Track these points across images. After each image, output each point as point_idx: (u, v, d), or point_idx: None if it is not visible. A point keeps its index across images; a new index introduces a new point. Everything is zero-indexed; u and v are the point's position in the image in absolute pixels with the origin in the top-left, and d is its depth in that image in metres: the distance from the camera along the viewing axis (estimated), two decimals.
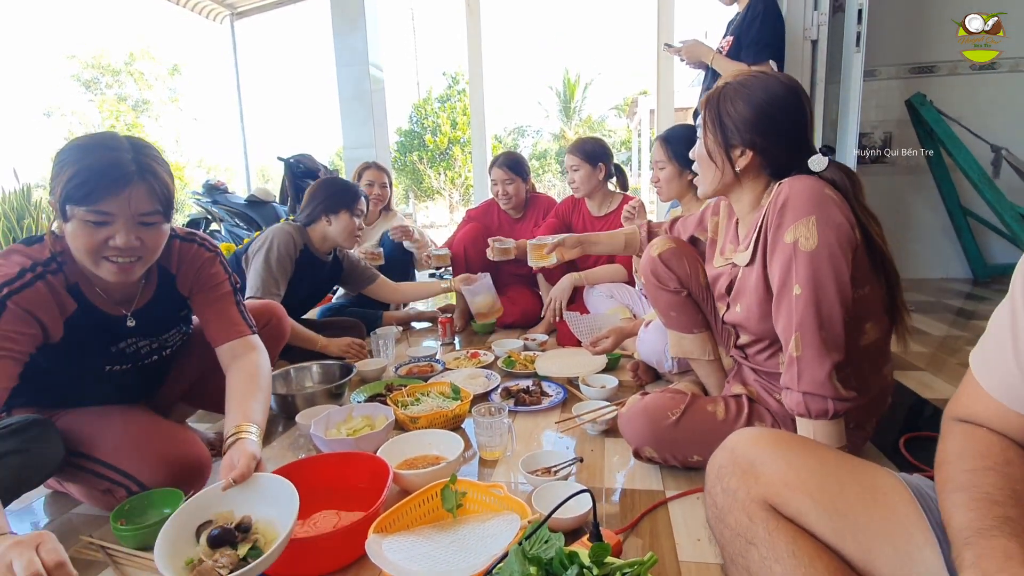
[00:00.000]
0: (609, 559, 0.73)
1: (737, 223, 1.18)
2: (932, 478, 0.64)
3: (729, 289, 1.17)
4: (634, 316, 2.07)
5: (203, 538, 0.82)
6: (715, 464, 0.75)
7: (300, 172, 4.25)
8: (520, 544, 0.74)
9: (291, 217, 2.21)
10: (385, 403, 1.51)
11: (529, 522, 0.90)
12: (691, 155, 1.16)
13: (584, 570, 0.68)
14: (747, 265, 1.07)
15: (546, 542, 0.75)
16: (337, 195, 2.04)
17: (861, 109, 2.13)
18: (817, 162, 1.01)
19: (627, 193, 2.46)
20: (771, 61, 1.96)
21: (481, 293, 2.35)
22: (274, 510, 0.87)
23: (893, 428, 1.39)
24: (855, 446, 1.15)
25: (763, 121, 1.02)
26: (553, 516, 0.86)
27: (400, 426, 1.46)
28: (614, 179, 2.42)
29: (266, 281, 1.86)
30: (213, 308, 1.23)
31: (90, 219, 0.97)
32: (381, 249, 2.47)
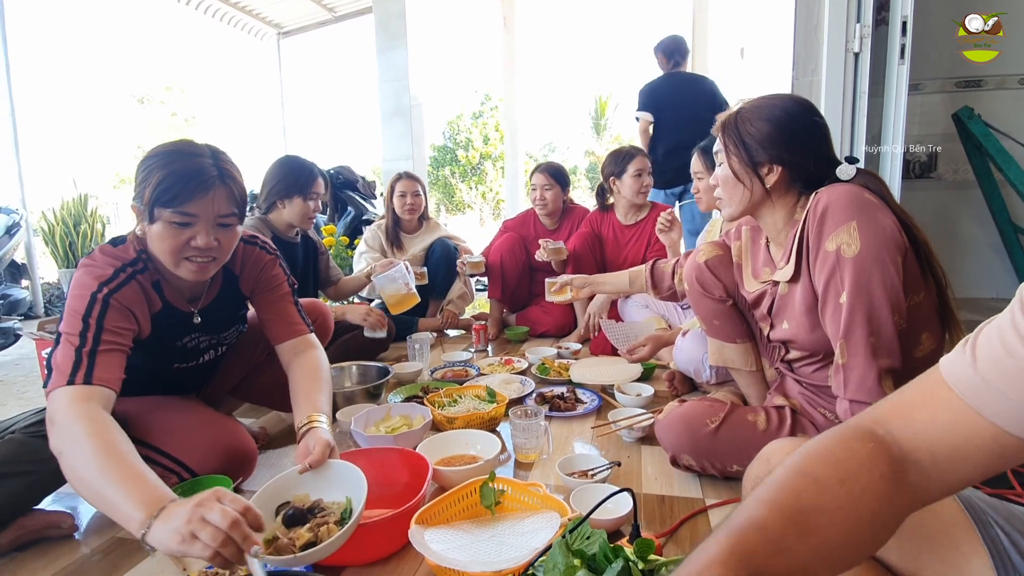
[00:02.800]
0: (653, 556, 0.73)
1: (767, 244, 1.17)
2: (989, 494, 0.63)
3: (771, 309, 1.16)
4: (669, 326, 2.06)
5: (280, 518, 0.86)
6: (751, 475, 0.75)
7: (339, 183, 4.39)
8: (563, 537, 0.75)
9: (251, 208, 2.14)
10: (422, 404, 1.54)
11: (569, 519, 0.91)
12: (712, 180, 1.17)
13: (630, 564, 0.68)
14: (790, 280, 1.07)
15: (588, 538, 0.76)
16: (288, 181, 1.97)
17: (906, 123, 2.09)
18: (845, 171, 1.02)
19: (656, 202, 2.47)
20: None
21: (396, 281, 2.17)
22: (344, 492, 0.91)
23: None
24: None
25: (785, 136, 1.03)
26: (593, 517, 0.86)
27: (437, 427, 1.48)
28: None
29: None
30: (274, 308, 1.28)
31: (175, 220, 1.03)
32: (425, 269, 2.48)
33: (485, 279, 2.70)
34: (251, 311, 1.39)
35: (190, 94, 17.12)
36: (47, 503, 1.17)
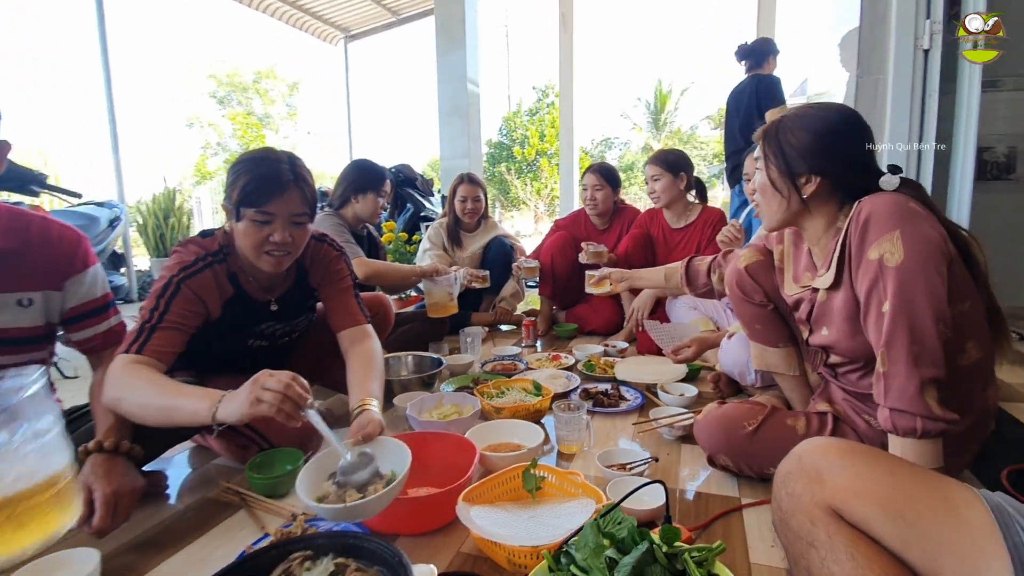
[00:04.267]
0: (679, 543, 0.78)
1: (809, 249, 1.18)
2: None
3: (810, 315, 1.17)
4: (717, 328, 2.06)
5: (331, 481, 0.99)
6: (783, 470, 0.78)
7: (400, 181, 4.59)
8: (596, 520, 0.82)
9: (323, 207, 2.37)
10: (472, 394, 1.64)
11: (603, 506, 0.97)
12: (750, 189, 1.18)
13: (654, 547, 0.74)
14: (830, 288, 1.08)
15: (619, 523, 0.82)
16: (363, 178, 2.25)
17: (980, 122, 1.97)
18: (888, 181, 1.01)
19: (707, 204, 2.45)
20: None
21: (441, 288, 2.29)
22: (391, 464, 1.02)
23: (996, 459, 1.30)
24: (952, 473, 1.10)
25: (825, 146, 1.03)
26: (627, 507, 0.92)
27: (485, 416, 1.57)
28: (694, 191, 2.43)
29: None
30: (337, 299, 1.42)
31: (257, 218, 1.18)
32: (487, 272, 2.57)
33: (537, 277, 2.77)
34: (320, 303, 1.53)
35: (265, 94, 18.15)
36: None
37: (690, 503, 1.17)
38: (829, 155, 1.03)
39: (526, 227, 16.56)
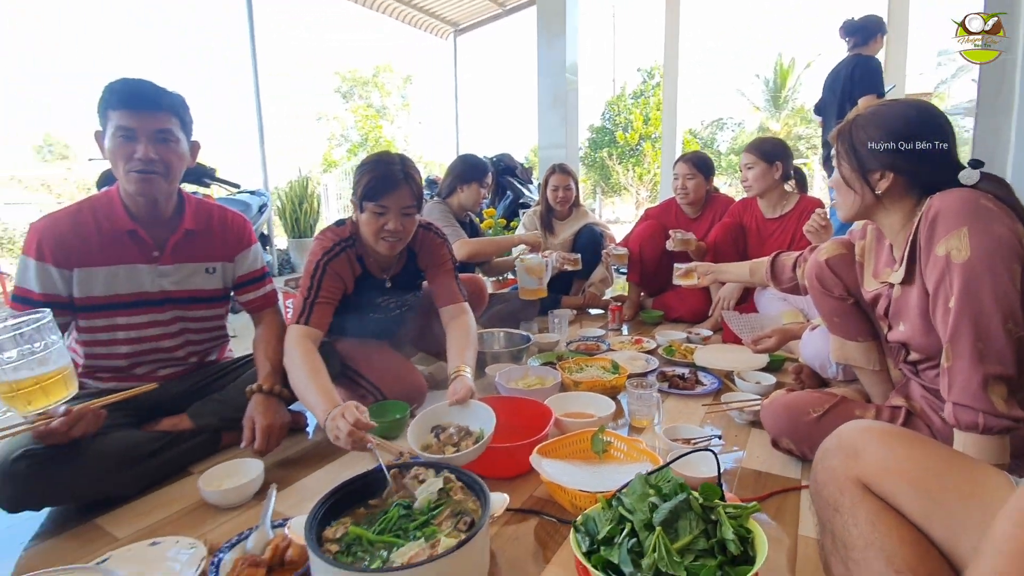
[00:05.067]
0: (717, 500, 0.89)
1: (891, 246, 1.17)
2: None
3: (887, 310, 1.17)
4: (806, 319, 2.03)
5: (432, 434, 1.21)
6: (823, 448, 0.84)
7: (501, 169, 4.83)
8: (645, 474, 0.95)
9: (432, 195, 2.67)
10: (555, 368, 1.80)
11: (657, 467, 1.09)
12: (829, 183, 1.20)
13: (690, 498, 0.86)
14: (902, 283, 1.08)
15: (668, 481, 0.95)
16: (468, 170, 2.51)
17: None
18: (968, 176, 0.99)
19: (805, 194, 2.37)
20: None
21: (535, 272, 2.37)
22: (480, 424, 1.23)
23: None
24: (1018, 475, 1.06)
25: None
26: (683, 473, 1.04)
27: (565, 388, 1.73)
28: (792, 181, 2.35)
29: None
30: (440, 279, 1.66)
31: (375, 211, 1.44)
32: (579, 256, 2.68)
33: (626, 264, 2.85)
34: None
35: (382, 87, 19.46)
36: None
37: (750, 479, 1.25)
38: (903, 152, 1.04)
39: (626, 213, 16.24)
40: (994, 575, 0.50)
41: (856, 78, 2.96)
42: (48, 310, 1.07)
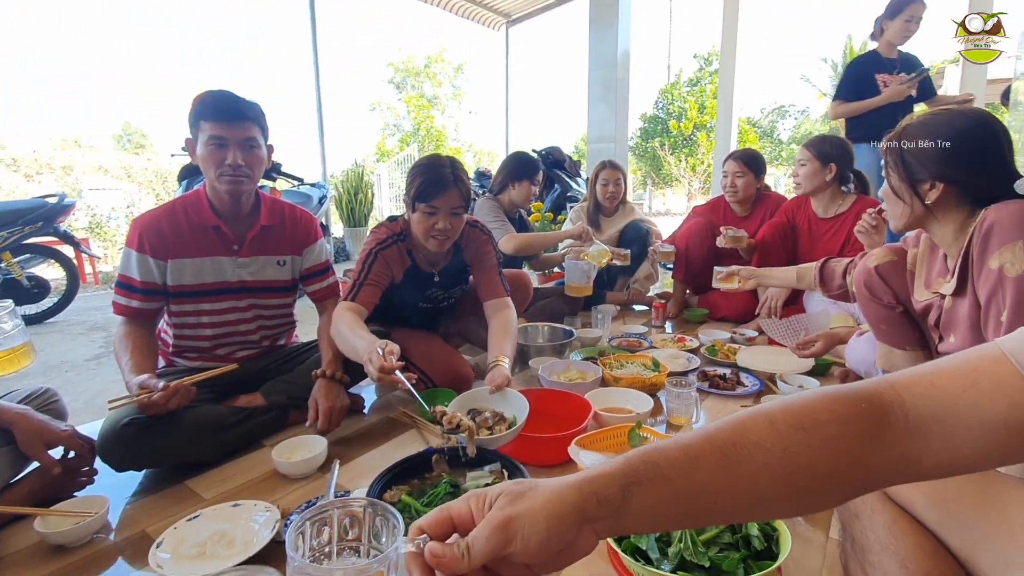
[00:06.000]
0: None
1: (945, 255, 1.16)
2: None
3: (938, 321, 1.16)
4: (857, 323, 1.99)
5: (470, 416, 1.31)
6: None
7: (550, 163, 4.87)
8: None
9: (484, 193, 2.77)
10: (596, 364, 1.86)
11: None
12: (880, 193, 1.18)
13: None
14: (954, 294, 1.08)
15: None
16: (519, 168, 2.61)
17: None
18: None
19: (863, 195, 2.29)
20: None
21: (582, 271, 2.41)
22: (514, 411, 1.31)
23: None
24: None
25: (949, 154, 1.01)
26: None
27: (605, 383, 1.79)
28: (851, 185, 2.29)
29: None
30: (484, 275, 1.75)
31: (426, 211, 1.54)
32: (628, 251, 2.71)
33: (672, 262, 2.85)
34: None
35: (434, 78, 19.73)
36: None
37: None
38: (953, 163, 1.03)
39: (677, 205, 15.85)
40: None
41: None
42: (10, 301, 1.25)
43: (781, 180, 13.54)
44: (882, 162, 1.18)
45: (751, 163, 2.60)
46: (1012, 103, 3.33)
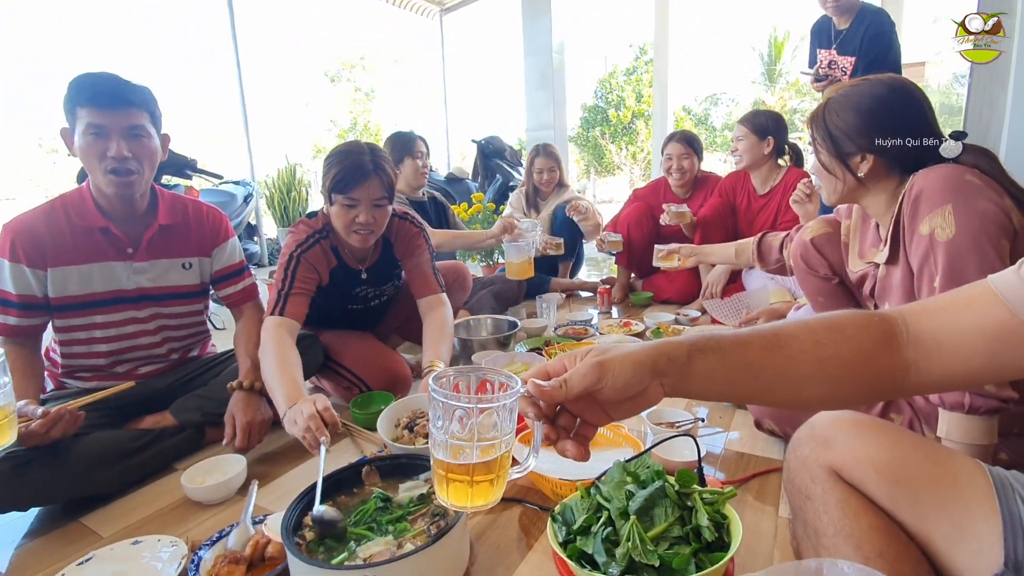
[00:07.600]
0: (695, 486, 0.89)
1: (878, 225, 1.16)
2: None
3: (873, 291, 1.16)
4: (794, 299, 2.02)
5: (403, 425, 1.21)
6: (796, 437, 0.84)
7: (489, 152, 4.77)
8: (623, 461, 0.95)
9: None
10: (541, 354, 1.80)
11: (637, 453, 1.09)
12: (809, 169, 1.18)
13: (666, 485, 0.86)
14: (887, 263, 1.07)
15: (647, 467, 0.94)
16: (396, 148, 2.45)
17: None
18: (949, 148, 0.97)
19: (793, 166, 2.33)
20: None
21: (521, 252, 2.33)
22: None
23: None
24: (1019, 454, 1.06)
25: (875, 124, 1.01)
26: (666, 458, 1.04)
27: None
28: (786, 156, 2.33)
29: None
30: (416, 270, 1.64)
31: (345, 203, 1.41)
32: (562, 240, 2.64)
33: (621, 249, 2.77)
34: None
35: (370, 71, 19.15)
36: None
37: (733, 461, 1.25)
38: (879, 132, 1.02)
39: (621, 193, 16.16)
40: None
41: (868, 40, 2.65)
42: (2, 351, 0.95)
43: (716, 166, 14.05)
44: (808, 139, 1.16)
45: (694, 143, 2.61)
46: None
